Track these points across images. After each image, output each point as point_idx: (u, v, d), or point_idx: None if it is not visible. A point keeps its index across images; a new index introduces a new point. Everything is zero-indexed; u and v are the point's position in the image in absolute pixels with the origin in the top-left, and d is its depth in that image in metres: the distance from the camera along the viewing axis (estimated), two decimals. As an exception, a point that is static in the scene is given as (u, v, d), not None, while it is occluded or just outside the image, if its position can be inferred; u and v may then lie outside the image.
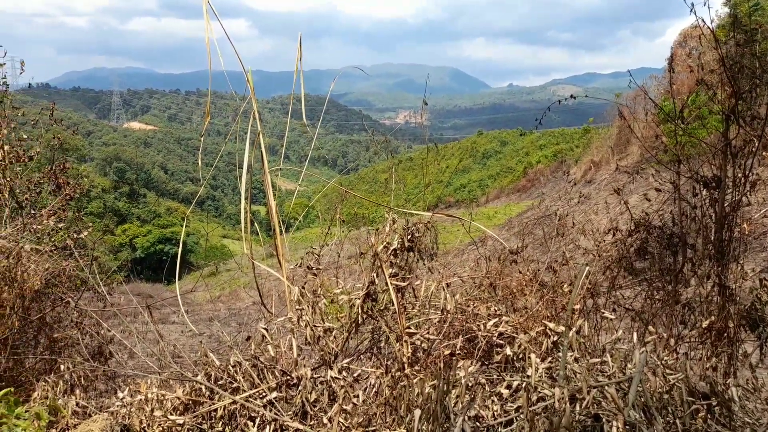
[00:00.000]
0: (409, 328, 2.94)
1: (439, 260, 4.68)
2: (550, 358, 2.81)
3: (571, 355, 2.67)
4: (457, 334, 3.09)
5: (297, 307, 3.07)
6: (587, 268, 3.19)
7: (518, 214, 27.42)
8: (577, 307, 3.34)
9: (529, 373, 2.41)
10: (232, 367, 2.84)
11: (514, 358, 2.88)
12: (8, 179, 5.54)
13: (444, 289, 3.05)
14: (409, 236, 3.10)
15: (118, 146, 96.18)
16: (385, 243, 3.01)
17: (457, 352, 2.95)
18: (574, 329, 2.70)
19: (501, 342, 2.99)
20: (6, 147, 5.50)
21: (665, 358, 2.76)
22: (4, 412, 2.39)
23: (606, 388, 2.27)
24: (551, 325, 2.91)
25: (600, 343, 3.26)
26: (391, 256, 3.06)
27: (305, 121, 4.26)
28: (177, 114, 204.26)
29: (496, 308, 3.34)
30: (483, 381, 2.58)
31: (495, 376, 2.71)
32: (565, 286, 3.71)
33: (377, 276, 3.01)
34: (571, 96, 4.78)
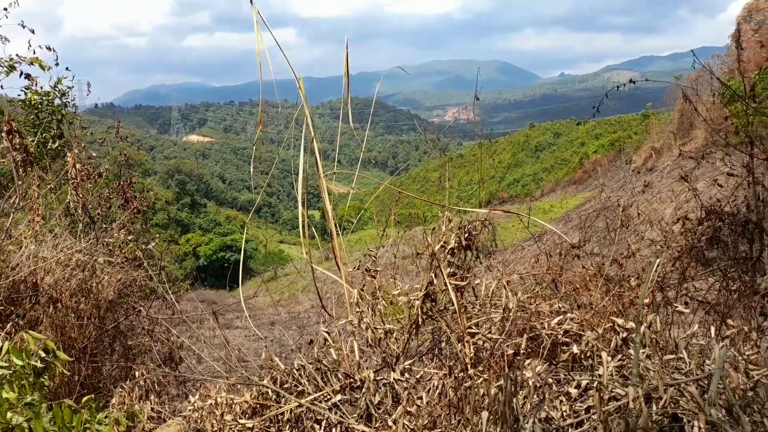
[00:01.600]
0: (470, 328, 2.89)
1: (496, 258, 4.60)
2: (619, 356, 2.69)
3: (643, 352, 2.55)
4: (519, 333, 3.02)
5: (357, 309, 3.09)
6: (657, 259, 3.04)
7: (575, 207, 26.61)
8: (647, 301, 3.19)
9: (599, 372, 2.32)
10: (297, 370, 2.89)
11: (581, 357, 2.78)
12: (81, 196, 5.87)
13: (505, 287, 2.99)
14: (466, 234, 3.05)
15: (178, 159, 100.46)
16: (441, 242, 2.98)
17: (521, 351, 2.88)
18: (645, 325, 2.57)
19: (566, 340, 2.89)
20: (77, 165, 5.83)
21: (746, 352, 2.59)
22: (87, 417, 2.54)
23: (684, 386, 2.15)
24: (620, 321, 2.79)
25: (673, 338, 3.10)
26: (449, 256, 3.02)
27: (352, 125, 4.28)
28: (232, 125, 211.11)
29: (560, 305, 3.24)
30: (550, 381, 2.51)
31: (562, 376, 2.63)
32: (632, 279, 3.55)
33: (435, 276, 2.98)
34: (630, 81, 4.59)
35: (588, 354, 2.72)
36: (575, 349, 2.72)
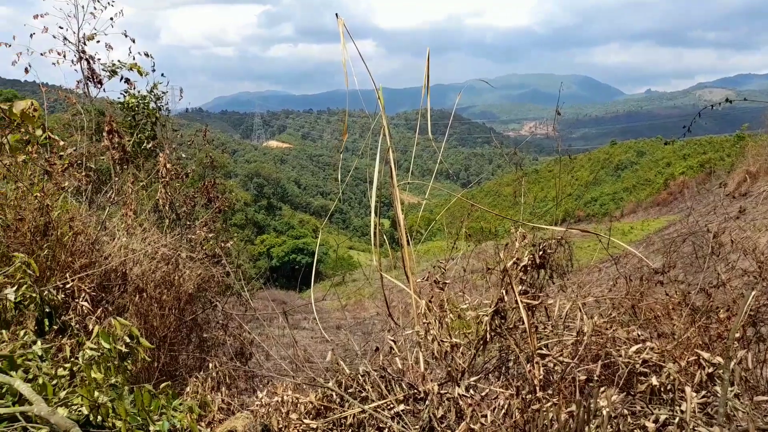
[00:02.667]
0: (540, 349, 2.80)
1: (571, 278, 4.43)
2: (704, 392, 2.51)
3: (732, 390, 2.36)
4: (593, 358, 2.88)
5: (424, 320, 3.08)
6: (752, 291, 2.81)
7: (658, 230, 25.17)
8: (738, 335, 2.96)
9: (681, 407, 2.17)
10: (362, 376, 2.91)
11: (661, 389, 2.61)
12: (169, 194, 6.25)
13: (580, 310, 2.87)
14: (540, 252, 2.97)
15: (258, 163, 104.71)
16: (514, 259, 2.91)
17: (595, 378, 2.75)
18: (734, 361, 2.38)
19: (645, 370, 2.73)
20: (168, 165, 6.22)
21: None
22: (164, 403, 2.68)
23: (778, 432, 1.97)
24: (706, 354, 2.60)
25: (765, 378, 2.85)
26: (521, 273, 2.95)
27: (430, 136, 4.29)
28: (309, 132, 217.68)
29: (639, 333, 3.06)
30: (626, 412, 2.37)
31: (639, 408, 2.48)
32: (721, 311, 3.30)
33: (506, 293, 2.91)
34: (727, 100, 4.30)
35: (668, 387, 2.56)
36: (654, 380, 2.56)
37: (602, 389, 2.55)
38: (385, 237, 4.16)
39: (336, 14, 3.77)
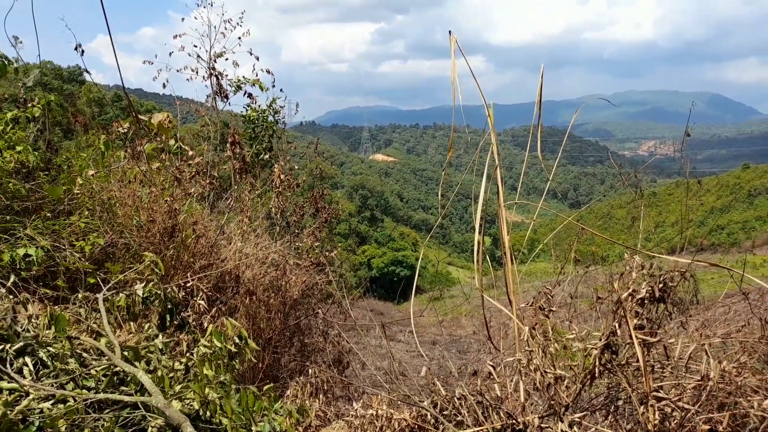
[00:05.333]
0: (656, 390, 2.56)
1: (693, 315, 4.03)
2: None
3: None
4: (719, 407, 2.58)
5: (526, 347, 2.94)
6: None
7: (800, 266, 22.29)
8: None
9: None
10: (458, 399, 2.84)
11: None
12: (281, 203, 6.59)
13: (706, 352, 2.59)
14: (661, 285, 2.72)
15: (363, 176, 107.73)
16: (630, 290, 2.69)
17: (720, 429, 2.46)
18: None
19: (782, 427, 2.40)
20: (282, 176, 6.56)
21: None
22: (266, 405, 2.80)
23: None
24: None
25: None
26: (637, 306, 2.72)
27: (540, 155, 4.14)
28: (414, 146, 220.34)
29: (775, 383, 2.70)
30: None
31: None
32: None
33: (619, 326, 2.70)
34: None
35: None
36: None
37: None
38: (486, 255, 4.06)
39: (449, 32, 3.77)
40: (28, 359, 2.63)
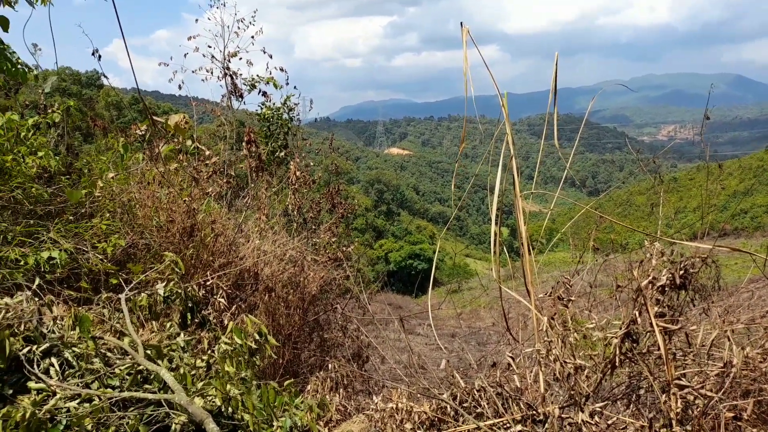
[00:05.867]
0: (678, 378, 2.53)
1: (715, 301, 3.97)
2: None
3: None
4: (743, 394, 2.55)
5: (545, 338, 2.93)
6: None
7: (828, 249, 21.78)
8: None
9: None
10: (477, 391, 2.84)
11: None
12: (298, 200, 6.63)
13: (728, 338, 2.55)
14: (682, 271, 2.69)
15: (379, 170, 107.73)
16: (650, 278, 2.66)
17: (744, 416, 2.42)
18: None
19: (810, 414, 2.36)
20: (297, 173, 6.60)
21: None
22: (287, 400, 2.83)
23: None
24: None
25: None
26: (658, 293, 2.69)
27: (556, 144, 4.10)
28: (429, 139, 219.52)
29: (802, 369, 2.65)
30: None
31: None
32: None
33: (639, 314, 2.67)
34: None
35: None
36: (823, 427, 2.20)
37: (754, 430, 2.24)
38: (504, 246, 4.04)
39: (461, 23, 3.75)
40: (54, 360, 2.69)
